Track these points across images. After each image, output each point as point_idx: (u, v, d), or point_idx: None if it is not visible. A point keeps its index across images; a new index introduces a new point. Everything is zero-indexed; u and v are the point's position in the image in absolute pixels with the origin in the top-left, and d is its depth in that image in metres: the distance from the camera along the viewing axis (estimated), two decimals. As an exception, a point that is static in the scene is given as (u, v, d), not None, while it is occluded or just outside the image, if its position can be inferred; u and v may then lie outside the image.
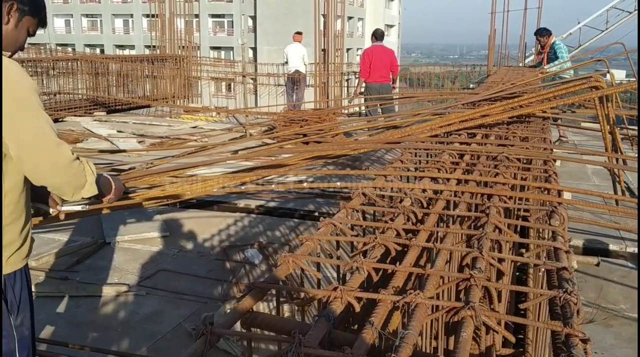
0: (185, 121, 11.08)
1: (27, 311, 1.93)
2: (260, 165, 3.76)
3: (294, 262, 1.25)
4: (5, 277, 1.83)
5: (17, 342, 1.87)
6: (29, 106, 1.72)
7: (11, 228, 1.83)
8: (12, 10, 1.82)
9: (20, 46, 1.91)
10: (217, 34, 41.54)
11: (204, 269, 4.18)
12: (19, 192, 1.84)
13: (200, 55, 15.55)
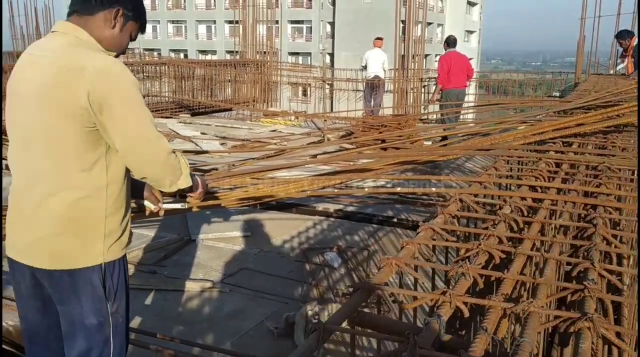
0: (265, 125, 11.31)
1: (122, 300, 2.01)
2: (344, 170, 3.77)
3: (396, 264, 1.25)
4: (105, 265, 1.92)
5: (112, 328, 1.97)
6: (133, 101, 1.83)
7: (113, 218, 1.93)
8: (118, 16, 1.93)
9: (123, 49, 2.04)
10: (295, 40, 42.20)
11: (284, 269, 4.24)
12: (121, 184, 1.94)
13: (281, 60, 15.82)
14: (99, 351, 1.98)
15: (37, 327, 2.09)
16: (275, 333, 3.29)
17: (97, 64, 1.78)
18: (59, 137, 1.81)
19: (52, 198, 1.85)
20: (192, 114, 12.47)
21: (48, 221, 1.86)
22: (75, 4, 1.93)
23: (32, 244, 1.90)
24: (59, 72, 1.78)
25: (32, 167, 1.88)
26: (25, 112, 1.87)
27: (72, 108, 1.76)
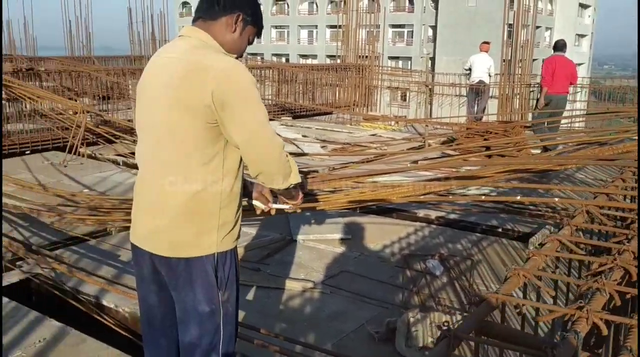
0: (365, 129, 11.33)
1: (233, 290, 2.12)
2: (451, 176, 3.70)
3: (524, 275, 1.20)
4: (218, 255, 2.03)
5: (222, 316, 2.07)
6: (253, 99, 1.92)
7: (226, 210, 2.04)
8: (238, 20, 2.05)
9: (242, 52, 2.14)
10: (396, 44, 41.94)
11: (384, 274, 4.22)
12: (235, 178, 2.04)
13: (381, 65, 15.79)
14: (210, 338, 2.08)
15: (154, 311, 2.22)
16: (376, 338, 3.27)
17: (221, 65, 1.89)
18: (183, 132, 1.93)
19: (174, 189, 1.98)
20: (294, 116, 12.72)
21: (169, 211, 2.00)
22: (200, 10, 2.08)
23: (153, 232, 2.04)
24: (186, 72, 1.91)
25: (157, 160, 2.02)
26: (153, 110, 2.01)
27: (197, 105, 1.88)
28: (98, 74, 10.40)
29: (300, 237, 4.90)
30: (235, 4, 2.03)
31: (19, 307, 3.63)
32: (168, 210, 2.00)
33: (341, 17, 16.06)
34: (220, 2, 2.02)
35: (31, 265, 4.14)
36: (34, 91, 8.24)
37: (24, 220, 5.24)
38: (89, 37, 20.72)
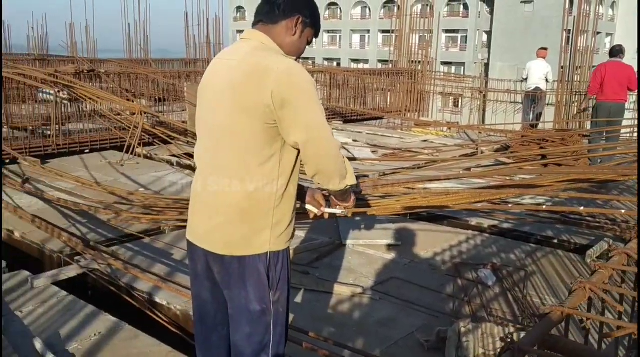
0: (416, 134, 11.22)
1: (284, 291, 2.13)
2: (507, 185, 3.61)
3: (590, 289, 1.15)
4: (270, 255, 2.06)
5: (273, 316, 2.10)
6: (311, 100, 1.95)
7: (280, 210, 2.06)
8: (298, 23, 2.10)
9: (301, 54, 2.18)
10: (449, 49, 41.45)
11: (434, 282, 4.15)
12: (289, 179, 2.07)
13: (434, 70, 15.62)
14: (261, 337, 2.12)
15: (207, 308, 2.26)
16: (426, 346, 3.22)
17: (281, 66, 1.93)
18: (242, 132, 1.97)
19: (231, 189, 2.02)
20: (344, 121, 12.72)
21: (224, 210, 2.04)
22: (261, 14, 2.12)
23: (208, 231, 2.09)
24: (246, 73, 1.95)
25: (216, 161, 2.07)
26: (214, 110, 2.06)
27: (257, 106, 1.92)
28: (155, 77, 10.67)
29: (350, 242, 4.89)
30: (295, 8, 2.08)
31: (76, 301, 3.75)
32: (224, 209, 2.04)
33: (394, 21, 15.97)
34: (280, 6, 2.07)
35: (88, 260, 4.27)
36: (95, 92, 8.52)
37: (82, 216, 5.42)
38: (147, 40, 21.31)
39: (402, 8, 15.65)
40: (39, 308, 3.63)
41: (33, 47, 23.24)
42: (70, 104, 8.99)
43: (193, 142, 8.70)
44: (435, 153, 8.84)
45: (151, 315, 3.74)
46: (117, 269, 4.15)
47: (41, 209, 5.65)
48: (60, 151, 8.38)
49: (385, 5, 45.05)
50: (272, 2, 2.09)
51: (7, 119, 8.60)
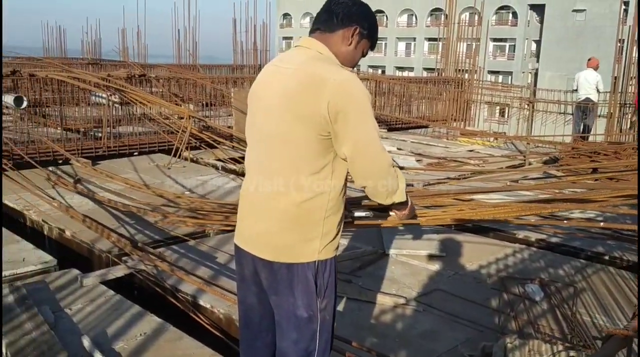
0: (462, 144, 11.07)
1: (331, 299, 2.14)
2: (558, 198, 3.52)
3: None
4: (319, 263, 2.07)
5: (319, 324, 2.11)
6: (365, 114, 1.96)
7: (330, 220, 2.07)
8: (355, 34, 2.11)
9: (354, 64, 2.18)
10: (496, 58, 40.85)
11: (480, 295, 4.07)
12: (340, 190, 2.08)
13: (482, 79, 15.41)
14: (306, 344, 2.12)
15: (252, 313, 2.28)
16: (470, 361, 3.16)
17: (338, 77, 1.93)
18: (296, 141, 1.98)
19: (282, 196, 2.03)
20: (389, 129, 12.66)
21: (276, 217, 2.06)
22: (319, 22, 2.14)
23: (258, 236, 2.11)
24: (303, 82, 1.96)
25: (268, 168, 2.08)
26: (266, 117, 2.06)
27: (312, 116, 1.93)
28: (203, 82, 10.85)
29: (393, 252, 4.84)
30: (353, 18, 2.09)
31: (123, 301, 3.83)
32: (275, 216, 2.06)
33: (441, 29, 15.84)
34: (339, 15, 2.08)
35: (136, 261, 4.36)
36: (145, 96, 8.72)
37: (130, 217, 5.54)
38: (195, 46, 21.73)
39: (450, 16, 15.52)
40: (87, 306, 3.72)
41: (86, 52, 24.01)
42: (121, 108, 9.23)
43: (238, 147, 8.82)
44: (481, 163, 8.69)
45: (195, 317, 3.78)
46: (163, 270, 4.22)
47: (91, 209, 5.80)
48: (110, 153, 8.60)
49: (432, 13, 44.75)
50: (332, 11, 2.09)
51: (61, 121, 8.89)
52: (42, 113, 9.47)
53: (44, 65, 13.48)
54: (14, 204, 5.95)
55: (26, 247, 4.69)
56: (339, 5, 2.10)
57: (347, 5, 2.09)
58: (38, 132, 8.43)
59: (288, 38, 52.28)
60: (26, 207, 5.82)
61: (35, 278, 4.16)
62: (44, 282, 4.05)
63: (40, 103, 9.59)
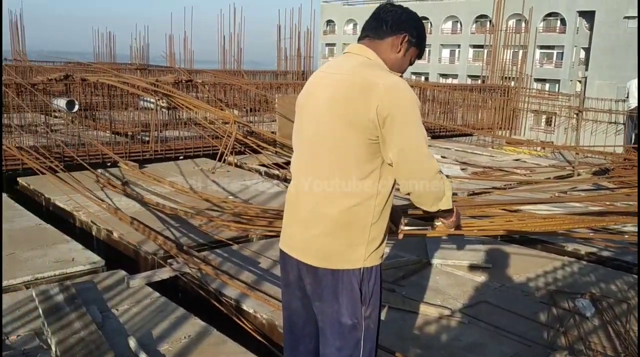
0: (508, 153, 10.85)
1: (376, 307, 2.12)
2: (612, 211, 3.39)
3: None
4: (364, 270, 2.06)
5: (363, 331, 2.09)
6: (413, 119, 1.95)
7: (376, 227, 2.06)
8: (403, 41, 2.12)
9: (402, 71, 2.18)
10: (543, 66, 40.01)
11: (528, 309, 3.96)
12: (387, 196, 2.07)
13: (529, 87, 15.10)
14: (350, 351, 2.10)
15: (296, 318, 2.28)
16: (519, 377, 3.07)
17: (387, 82, 1.93)
18: (344, 146, 1.98)
19: (329, 202, 2.04)
20: (432, 136, 12.51)
21: (322, 222, 2.05)
22: (368, 29, 2.15)
23: (304, 241, 2.11)
24: (352, 87, 1.96)
25: (315, 172, 2.08)
26: (315, 122, 2.07)
27: (361, 120, 1.93)
28: (248, 87, 10.96)
29: (438, 261, 4.76)
30: (402, 26, 2.10)
31: (168, 303, 3.87)
32: (321, 221, 2.05)
33: (487, 36, 15.61)
34: (388, 23, 2.10)
35: (180, 264, 4.41)
36: (191, 101, 8.86)
37: (175, 220, 5.62)
38: (240, 52, 22.00)
39: (496, 23, 15.28)
40: (133, 307, 3.77)
41: (135, 57, 24.60)
42: (168, 112, 9.40)
43: (282, 153, 8.86)
44: (528, 173, 8.50)
45: (237, 322, 3.79)
46: (207, 274, 4.25)
47: (138, 211, 5.91)
48: (157, 156, 8.76)
49: (478, 20, 44.19)
50: (381, 19, 2.11)
51: (110, 124, 9.12)
52: (92, 116, 9.74)
53: (94, 70, 13.88)
54: (65, 205, 6.12)
55: (75, 247, 4.81)
56: (388, 13, 2.11)
57: (396, 13, 2.11)
58: (88, 135, 8.66)
59: (331, 45, 52.42)
60: (76, 208, 5.97)
61: (84, 278, 4.25)
62: (92, 282, 4.14)
63: (90, 107, 9.86)
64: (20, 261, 4.47)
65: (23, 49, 22.11)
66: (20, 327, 3.42)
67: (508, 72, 15.12)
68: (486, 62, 15.56)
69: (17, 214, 5.75)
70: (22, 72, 13.46)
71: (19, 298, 3.83)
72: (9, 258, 4.52)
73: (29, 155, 7.21)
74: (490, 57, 15.71)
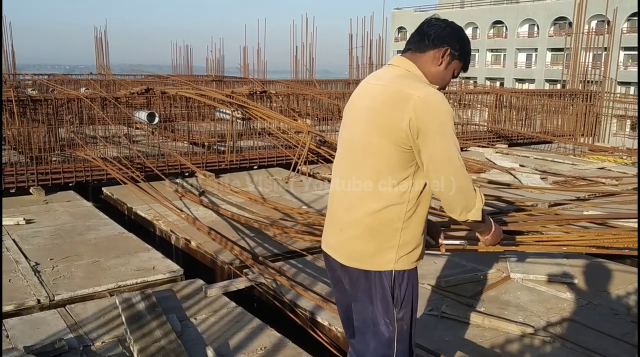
0: (592, 161, 10.34)
1: (408, 309, 2.20)
2: None
3: None
4: (395, 273, 2.15)
5: (396, 333, 2.19)
6: (446, 129, 2.01)
7: (407, 232, 2.14)
8: (445, 54, 2.18)
9: (445, 84, 2.25)
10: (627, 68, 38.05)
11: (617, 329, 3.72)
12: (420, 203, 2.14)
13: (612, 91, 14.36)
14: (383, 351, 2.21)
15: (349, 312, 2.37)
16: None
17: (422, 94, 2.00)
18: (378, 153, 2.08)
19: (361, 205, 2.13)
20: (510, 144, 12.12)
21: (355, 224, 2.16)
22: (411, 42, 2.24)
23: (339, 242, 2.23)
24: (389, 97, 2.06)
25: (352, 176, 2.18)
26: (354, 129, 2.19)
27: (394, 129, 2.02)
28: (320, 97, 11.02)
29: (519, 276, 4.57)
30: (444, 40, 2.16)
31: (244, 313, 3.91)
32: (355, 223, 2.15)
33: (566, 39, 14.99)
34: (430, 37, 2.16)
35: (256, 274, 4.45)
36: (265, 112, 9.00)
37: (250, 230, 5.70)
38: (312, 62, 22.21)
39: (577, 24, 14.66)
40: (211, 317, 3.84)
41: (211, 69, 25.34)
42: (243, 123, 9.59)
43: (354, 162, 8.80)
44: (614, 183, 8.05)
45: (312, 334, 3.78)
46: (282, 284, 4.27)
47: (214, 220, 6.03)
48: (232, 166, 8.94)
49: (556, 22, 42.64)
50: (424, 33, 2.18)
51: (188, 135, 9.40)
52: (171, 128, 10.07)
53: (173, 82, 14.38)
54: (146, 214, 6.34)
55: (156, 255, 4.96)
56: (431, 27, 2.18)
57: (439, 27, 2.17)
58: (167, 146, 8.96)
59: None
60: (156, 217, 6.17)
61: (164, 286, 4.37)
62: (171, 291, 4.24)
63: (169, 118, 10.21)
64: (105, 269, 4.65)
65: (107, 63, 23.27)
66: (104, 334, 3.54)
67: (590, 76, 14.46)
68: (566, 66, 14.89)
69: (102, 223, 6.01)
70: (106, 85, 14.13)
71: (104, 305, 3.98)
72: (94, 266, 4.72)
73: (112, 166, 7.53)
74: (570, 60, 15.07)
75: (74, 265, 4.73)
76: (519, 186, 7.75)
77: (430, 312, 3.91)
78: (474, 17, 47.65)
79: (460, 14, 48.05)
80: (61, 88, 10.87)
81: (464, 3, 49.66)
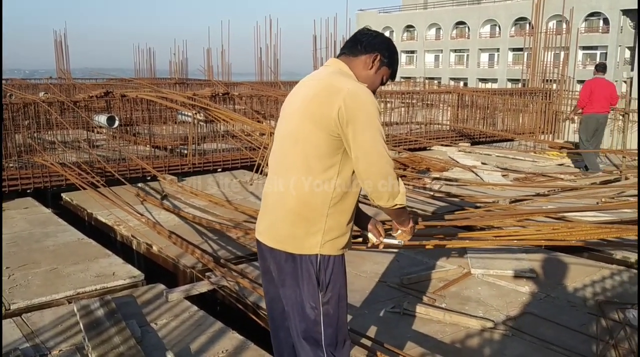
0: (552, 158, 10.56)
1: (335, 293, 2.30)
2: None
3: None
4: (320, 258, 2.25)
5: (322, 316, 2.29)
6: (372, 119, 2.16)
7: (332, 218, 2.24)
8: (376, 60, 2.36)
9: (374, 89, 2.39)
10: (586, 67, 39.03)
11: (574, 321, 3.81)
12: (345, 191, 2.25)
13: (571, 89, 14.70)
14: (313, 334, 2.30)
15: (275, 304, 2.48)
16: (567, 393, 2.93)
17: (351, 87, 2.17)
18: (308, 141, 2.19)
19: (290, 191, 2.24)
20: (472, 143, 12.29)
21: (283, 209, 2.27)
22: (346, 48, 2.42)
23: (267, 228, 2.34)
24: (321, 89, 2.22)
25: (282, 165, 2.30)
26: (288, 122, 2.32)
27: (324, 116, 2.16)
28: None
29: (479, 271, 4.64)
30: (375, 47, 2.35)
31: (206, 317, 3.87)
32: (283, 209, 2.26)
33: (527, 39, 15.31)
34: (363, 43, 2.35)
35: (218, 277, 4.41)
36: (228, 114, 8.93)
37: (213, 233, 5.64)
38: (277, 63, 22.16)
39: (536, 25, 14.97)
40: (172, 321, 3.79)
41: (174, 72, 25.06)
42: (206, 125, 9.50)
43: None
44: (572, 178, 8.24)
45: (275, 335, 3.75)
46: (245, 287, 4.24)
47: (177, 224, 5.96)
48: (195, 169, 8.84)
49: (517, 23, 43.49)
50: (357, 40, 2.37)
51: (149, 139, 9.27)
52: (132, 131, 9.91)
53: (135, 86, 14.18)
54: (106, 219, 6.23)
55: (116, 261, 4.87)
56: (364, 35, 2.38)
57: (371, 36, 2.37)
58: (128, 150, 8.81)
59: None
60: (117, 222, 6.07)
61: (124, 292, 4.29)
62: (131, 297, 4.17)
63: (130, 122, 10.04)
64: (63, 276, 4.55)
65: (67, 67, 22.79)
66: (62, 342, 3.46)
67: (549, 75, 14.78)
68: (526, 65, 15.20)
69: (61, 229, 5.88)
70: (66, 90, 13.82)
71: (62, 313, 3.89)
72: (52, 273, 4.61)
73: (71, 172, 7.37)
74: (530, 60, 15.38)
75: (31, 273, 4.62)
76: (480, 183, 7.87)
77: (392, 310, 3.94)
78: (437, 18, 48.27)
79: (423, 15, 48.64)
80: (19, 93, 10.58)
81: (427, 4, 50.25)
